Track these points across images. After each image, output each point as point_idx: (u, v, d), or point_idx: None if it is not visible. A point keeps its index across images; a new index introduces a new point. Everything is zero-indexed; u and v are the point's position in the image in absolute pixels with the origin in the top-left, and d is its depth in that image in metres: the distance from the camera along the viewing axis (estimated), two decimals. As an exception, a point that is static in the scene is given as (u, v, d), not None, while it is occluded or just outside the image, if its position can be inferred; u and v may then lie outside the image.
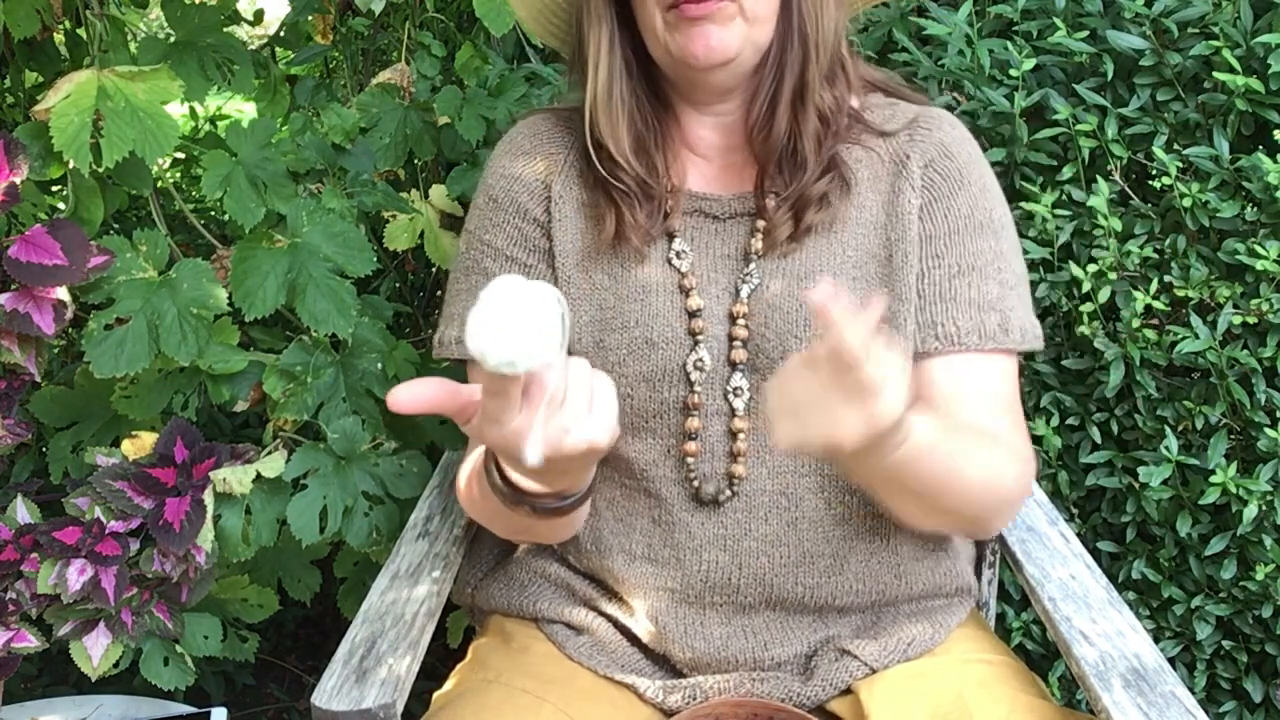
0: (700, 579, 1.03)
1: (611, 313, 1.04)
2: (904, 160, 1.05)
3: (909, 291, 1.02)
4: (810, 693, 1.01)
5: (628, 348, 1.03)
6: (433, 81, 1.65)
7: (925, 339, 1.02)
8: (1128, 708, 0.90)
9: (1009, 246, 1.06)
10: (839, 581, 1.04)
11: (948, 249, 1.03)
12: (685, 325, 1.02)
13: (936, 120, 1.07)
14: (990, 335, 1.01)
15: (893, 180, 1.04)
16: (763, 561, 1.02)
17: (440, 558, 1.15)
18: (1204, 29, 1.38)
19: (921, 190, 1.04)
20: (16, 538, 1.24)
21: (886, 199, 1.04)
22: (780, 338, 1.01)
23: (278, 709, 1.96)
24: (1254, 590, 1.38)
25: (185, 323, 1.26)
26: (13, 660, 1.27)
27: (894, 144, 1.06)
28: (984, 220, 1.04)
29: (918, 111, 1.08)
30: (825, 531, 1.03)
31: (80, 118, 1.20)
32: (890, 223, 1.03)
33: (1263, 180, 1.31)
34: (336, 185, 1.47)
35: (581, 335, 1.05)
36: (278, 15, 1.99)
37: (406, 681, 0.96)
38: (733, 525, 1.02)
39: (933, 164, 1.04)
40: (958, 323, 1.01)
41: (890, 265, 1.03)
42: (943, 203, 1.04)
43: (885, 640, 1.04)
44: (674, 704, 1.02)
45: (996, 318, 1.02)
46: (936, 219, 1.03)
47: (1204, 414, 1.36)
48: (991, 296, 1.02)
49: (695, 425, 1.02)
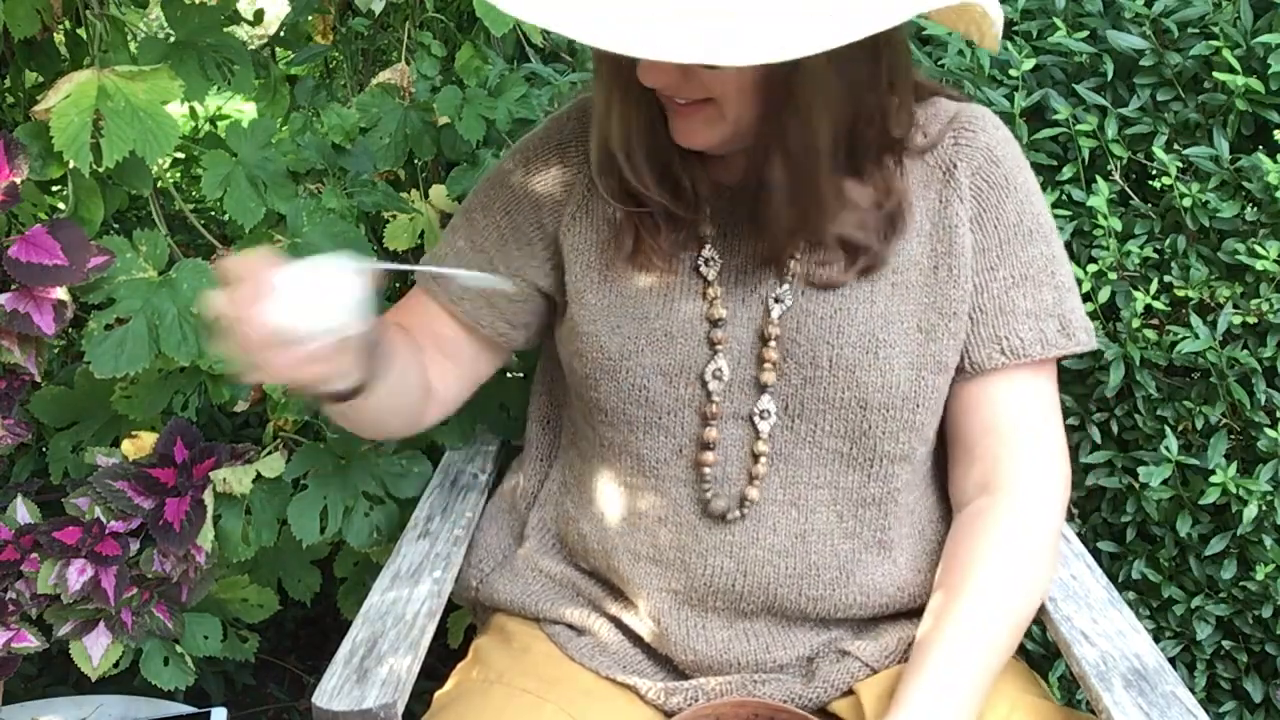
0: (704, 583, 1.03)
1: (631, 303, 1.02)
2: (950, 168, 1.01)
3: (956, 305, 1.00)
4: (811, 694, 1.01)
5: (646, 338, 1.01)
6: (433, 81, 1.65)
7: (990, 354, 1.01)
8: (1128, 708, 0.90)
9: (1058, 250, 1.05)
10: (843, 594, 1.03)
11: (1001, 260, 1.01)
12: (705, 331, 1.01)
13: (980, 121, 1.04)
14: (1053, 343, 1.02)
15: (940, 189, 1.01)
16: (768, 571, 1.02)
17: (441, 558, 1.15)
18: (1204, 29, 1.38)
19: (970, 200, 1.01)
20: (16, 538, 1.24)
21: (933, 207, 1.01)
22: (813, 347, 0.99)
23: (278, 709, 1.96)
24: (1254, 590, 1.38)
25: (185, 323, 1.26)
26: (13, 660, 1.27)
27: (938, 149, 1.02)
28: (1033, 226, 1.03)
29: (956, 109, 1.04)
30: (834, 545, 1.02)
31: (80, 118, 1.20)
32: (937, 233, 1.01)
33: (1263, 180, 1.31)
34: (336, 185, 1.47)
35: (596, 319, 1.03)
36: (278, 15, 1.99)
37: (407, 681, 0.97)
38: (740, 533, 1.02)
39: (980, 171, 1.01)
40: (1020, 335, 1.01)
41: (935, 276, 1.00)
42: (992, 212, 1.01)
43: (886, 641, 1.04)
44: (675, 705, 1.02)
45: (1055, 324, 1.02)
46: (988, 229, 1.01)
47: (1204, 414, 1.36)
48: (1049, 303, 1.02)
49: (713, 435, 1.01)
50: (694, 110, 0.93)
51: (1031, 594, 0.99)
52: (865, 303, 0.99)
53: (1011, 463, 1.01)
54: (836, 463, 1.01)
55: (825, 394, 0.99)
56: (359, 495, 1.34)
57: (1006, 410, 1.02)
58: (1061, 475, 1.04)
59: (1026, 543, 0.99)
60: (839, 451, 1.01)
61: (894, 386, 0.98)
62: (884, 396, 0.98)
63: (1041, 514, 1.01)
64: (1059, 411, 1.06)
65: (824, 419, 1.00)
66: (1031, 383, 1.03)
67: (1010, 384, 1.03)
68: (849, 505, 1.02)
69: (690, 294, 1.02)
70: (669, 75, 0.90)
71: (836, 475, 1.01)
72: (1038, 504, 1.01)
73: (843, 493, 1.02)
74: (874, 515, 1.03)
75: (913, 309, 1.00)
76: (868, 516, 1.03)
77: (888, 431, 1.00)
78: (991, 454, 1.02)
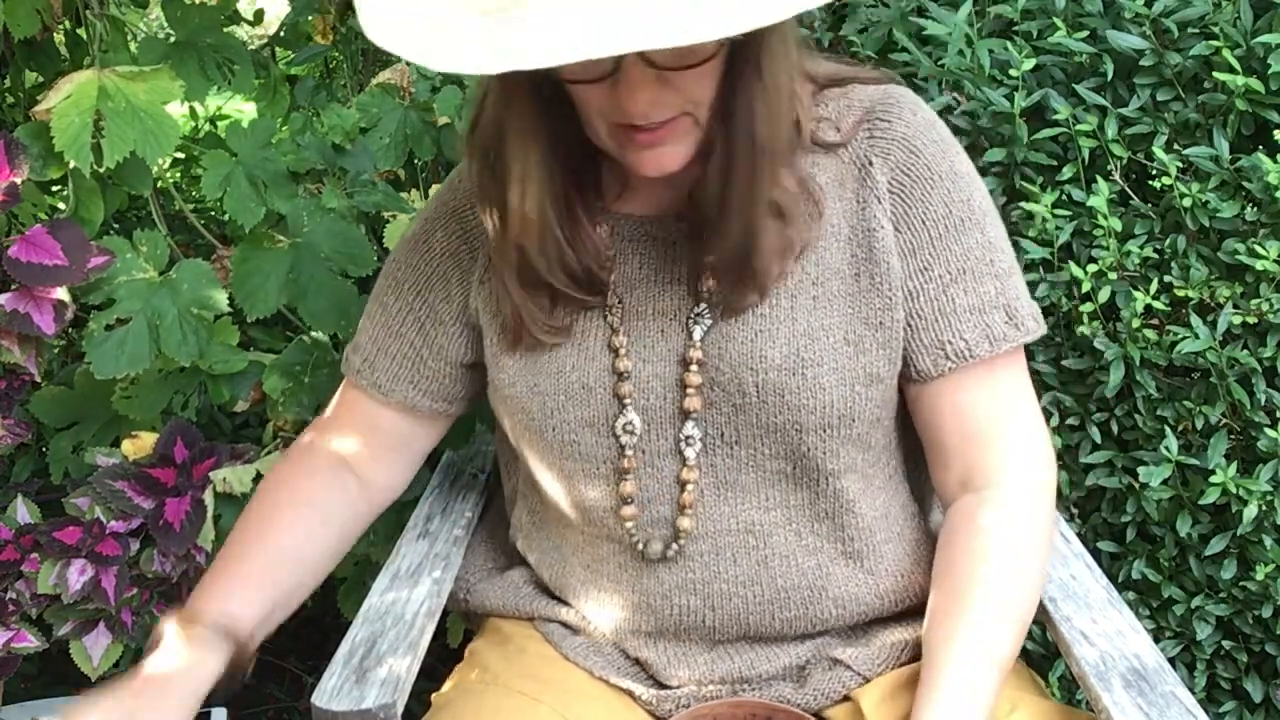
0: (674, 621, 1.00)
1: (546, 360, 0.98)
2: (866, 165, 0.95)
3: (882, 314, 0.94)
4: (804, 699, 1.00)
5: (565, 393, 0.97)
6: (433, 81, 1.65)
7: (935, 360, 0.95)
8: (1128, 708, 0.90)
9: (995, 233, 0.98)
10: (818, 610, 1.00)
11: (934, 258, 0.95)
12: (612, 386, 0.96)
13: (895, 109, 0.96)
14: (1000, 337, 0.95)
15: (856, 189, 0.95)
16: (736, 603, 0.99)
17: (440, 558, 1.15)
18: (1204, 29, 1.38)
19: (891, 199, 0.94)
20: (16, 538, 1.24)
21: (851, 209, 0.95)
22: (737, 374, 0.94)
23: (278, 709, 1.96)
24: (1254, 590, 1.38)
25: (185, 323, 1.26)
26: (13, 660, 1.27)
27: (852, 145, 0.96)
28: (964, 215, 0.96)
29: (873, 100, 0.97)
30: (798, 564, 0.99)
31: (81, 118, 1.20)
32: (856, 237, 0.94)
33: (1263, 180, 1.31)
34: (336, 185, 1.47)
35: (515, 381, 1.00)
36: (278, 15, 1.99)
37: (407, 681, 0.96)
38: (700, 569, 0.99)
39: (899, 166, 0.94)
40: (965, 336, 0.95)
41: (858, 284, 0.94)
42: (917, 207, 0.94)
43: (877, 647, 1.01)
44: (668, 709, 1.02)
45: (1001, 315, 0.96)
46: (914, 226, 0.95)
47: (1204, 414, 1.36)
48: (991, 295, 0.96)
49: (629, 490, 0.97)
50: (665, 131, 0.86)
51: (1033, 585, 0.96)
52: (786, 321, 0.94)
53: (989, 461, 0.97)
54: (782, 483, 0.98)
55: (757, 419, 0.95)
56: (359, 495, 1.34)
57: (971, 411, 0.97)
58: (1044, 461, 0.99)
59: (1019, 535, 0.96)
60: (782, 472, 0.97)
61: (827, 406, 0.94)
62: (818, 418, 0.94)
63: (1029, 505, 0.97)
64: (1031, 397, 1.00)
65: (761, 444, 0.96)
66: (991, 379, 0.97)
67: (968, 384, 0.97)
68: (805, 522, 0.98)
69: (598, 344, 0.97)
70: (650, 91, 0.83)
71: (785, 495, 0.98)
72: (1024, 495, 0.97)
73: (795, 511, 0.98)
74: (831, 529, 0.99)
75: (837, 321, 0.94)
76: (825, 530, 0.99)
77: (828, 450, 0.96)
78: (967, 454, 0.98)
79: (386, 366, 1.09)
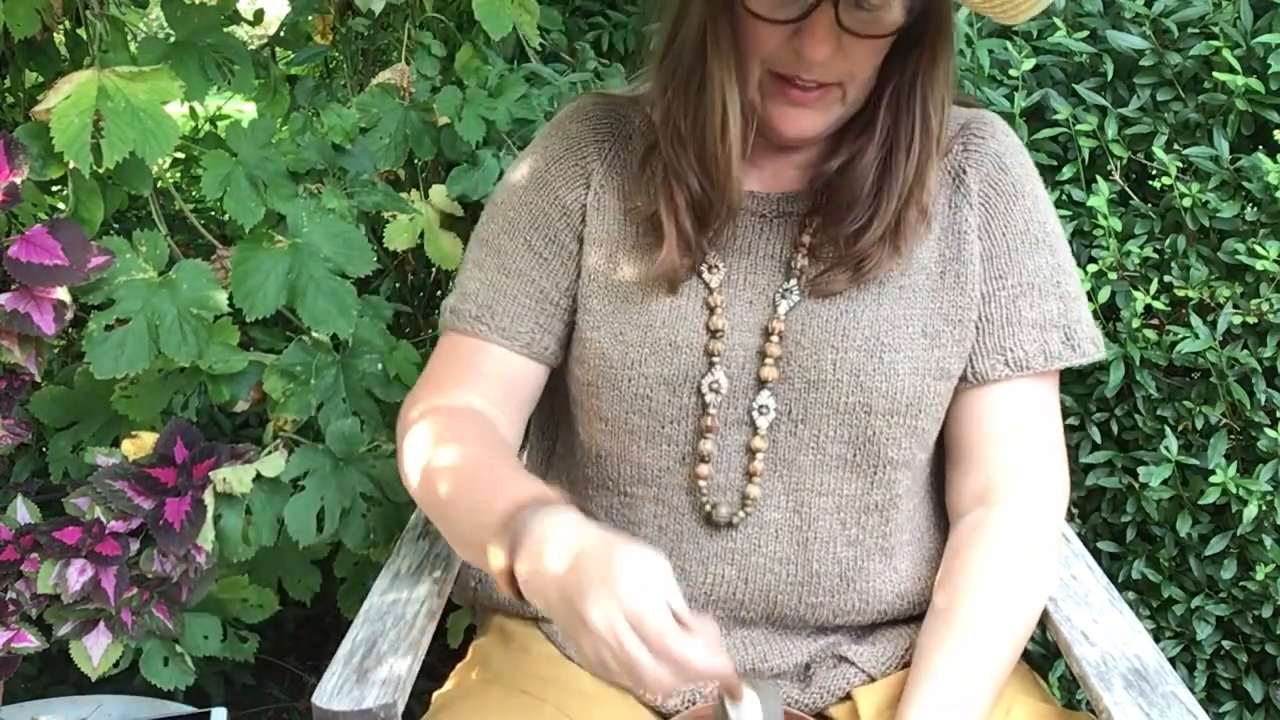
0: (704, 591, 1.02)
1: (636, 310, 1.01)
2: (960, 174, 1.02)
3: (962, 312, 1.00)
4: (808, 700, 1.01)
5: (650, 347, 1.00)
6: (433, 81, 1.65)
7: (994, 365, 1.01)
8: (1128, 708, 0.90)
9: (1065, 258, 1.04)
10: (842, 600, 1.03)
11: (1009, 268, 1.01)
12: (704, 343, 0.99)
13: (990, 128, 1.04)
14: (1056, 355, 1.01)
15: (950, 195, 1.01)
16: (769, 579, 1.02)
17: (441, 558, 1.15)
18: (1204, 29, 1.38)
19: (979, 207, 1.01)
20: (16, 538, 1.24)
21: (943, 213, 1.01)
22: (817, 350, 0.98)
23: (278, 709, 1.96)
24: (1254, 590, 1.38)
25: (185, 323, 1.26)
26: (13, 660, 1.27)
27: (949, 155, 1.02)
28: (1040, 235, 1.02)
29: (968, 116, 1.04)
30: (835, 553, 1.02)
31: (80, 118, 1.20)
32: (946, 238, 1.01)
33: (1263, 180, 1.31)
34: (336, 185, 1.47)
35: (600, 325, 1.02)
36: (278, 15, 1.99)
37: (407, 681, 0.96)
38: (743, 540, 1.01)
39: (989, 178, 1.02)
40: (1025, 347, 1.01)
41: (942, 281, 1.00)
42: (1000, 219, 1.01)
43: (884, 647, 1.03)
44: (673, 706, 1.02)
45: (1060, 335, 1.01)
46: (995, 236, 1.01)
47: (1204, 414, 1.36)
48: (1054, 314, 1.02)
49: (708, 448, 1.00)
50: (817, 95, 0.93)
51: (1033, 603, 0.98)
52: (871, 306, 0.98)
53: (1011, 472, 1.01)
54: (840, 469, 1.01)
55: (829, 399, 0.98)
56: (356, 497, 1.34)
57: (1006, 419, 1.02)
58: (1060, 481, 1.03)
59: (1027, 552, 0.99)
60: (842, 458, 1.00)
61: (898, 392, 0.98)
62: (888, 402, 0.98)
63: (1041, 523, 1.01)
64: (1059, 416, 1.06)
65: (828, 424, 0.99)
66: (1032, 391, 1.03)
67: (1012, 393, 1.02)
68: (852, 512, 1.02)
69: (694, 302, 1.00)
70: (829, 46, 0.89)
71: (840, 482, 1.01)
72: (1037, 513, 1.01)
73: (846, 500, 1.01)
74: (876, 522, 1.02)
75: (918, 314, 0.99)
76: (870, 524, 1.02)
77: (891, 438, 0.99)
78: (991, 462, 1.02)
79: (507, 308, 1.05)
